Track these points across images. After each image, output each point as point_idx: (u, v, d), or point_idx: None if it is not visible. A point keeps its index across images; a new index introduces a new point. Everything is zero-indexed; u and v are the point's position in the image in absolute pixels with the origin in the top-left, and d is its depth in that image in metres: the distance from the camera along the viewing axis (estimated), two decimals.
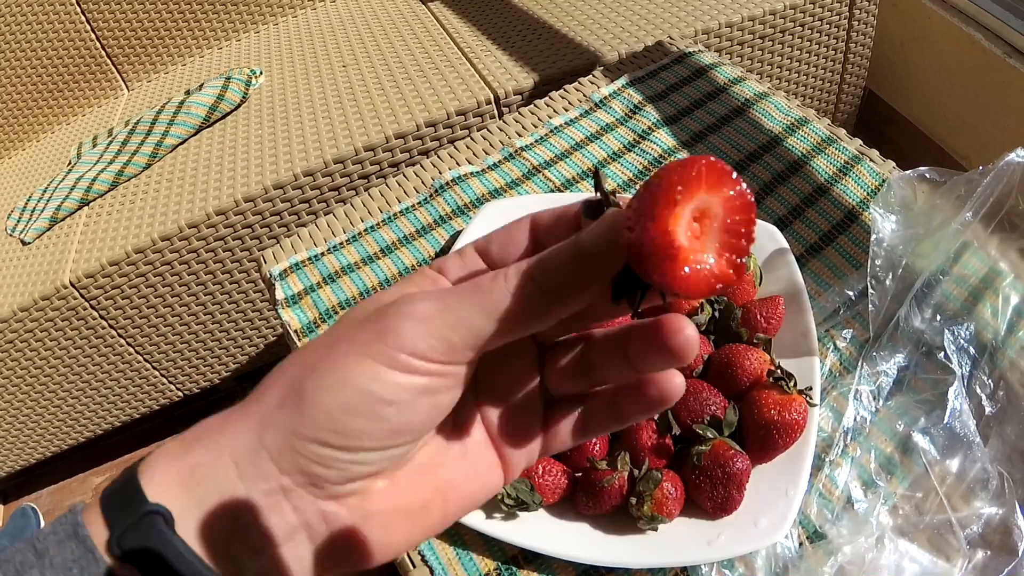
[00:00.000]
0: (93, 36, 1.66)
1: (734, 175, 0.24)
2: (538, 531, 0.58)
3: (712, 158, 0.24)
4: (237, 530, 0.27)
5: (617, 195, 0.28)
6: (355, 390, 0.26)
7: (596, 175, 0.29)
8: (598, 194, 0.28)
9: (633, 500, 0.55)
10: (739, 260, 0.24)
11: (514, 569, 0.59)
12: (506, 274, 0.27)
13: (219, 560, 0.27)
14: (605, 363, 0.30)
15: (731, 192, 0.24)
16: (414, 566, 0.60)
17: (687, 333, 0.27)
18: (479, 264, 0.31)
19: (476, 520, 0.58)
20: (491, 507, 0.58)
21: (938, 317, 0.67)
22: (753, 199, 0.24)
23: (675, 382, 0.30)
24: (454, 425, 0.31)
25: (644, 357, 0.28)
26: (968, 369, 0.64)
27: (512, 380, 0.31)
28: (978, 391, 0.63)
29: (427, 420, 0.28)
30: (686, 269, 0.23)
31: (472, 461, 0.31)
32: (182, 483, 0.27)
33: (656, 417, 0.58)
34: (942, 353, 0.65)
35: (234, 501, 0.27)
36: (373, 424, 0.26)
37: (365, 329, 0.27)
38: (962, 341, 0.65)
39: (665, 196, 0.23)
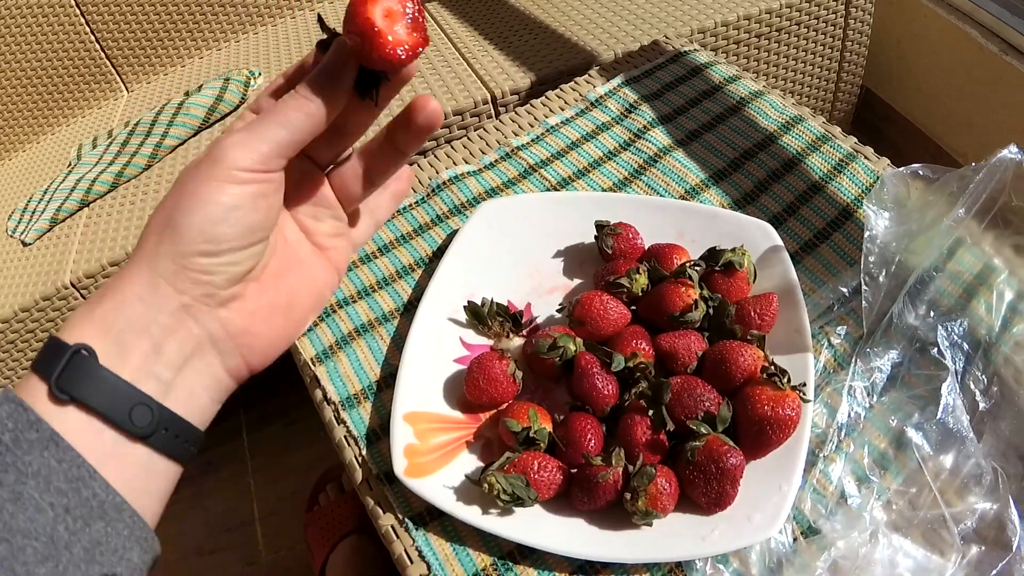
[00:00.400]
0: (93, 38, 1.66)
1: None
2: (534, 527, 0.58)
3: None
4: (153, 352, 0.34)
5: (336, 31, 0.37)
6: (212, 204, 0.34)
7: (320, 19, 0.39)
8: (325, 35, 0.38)
9: (628, 495, 0.56)
10: (422, 34, 0.35)
11: (510, 564, 0.59)
12: (286, 98, 0.36)
13: (144, 380, 0.34)
14: (377, 164, 0.42)
15: None
16: (411, 562, 0.61)
17: (432, 104, 0.39)
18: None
19: (472, 516, 0.59)
20: (487, 503, 0.59)
21: (932, 313, 0.67)
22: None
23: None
24: (286, 243, 0.41)
25: (407, 133, 0.40)
26: (962, 365, 0.65)
27: (314, 198, 0.42)
28: (972, 387, 0.64)
29: (266, 218, 0.37)
30: (389, 41, 0.34)
31: (308, 267, 0.42)
32: (97, 327, 0.34)
33: (651, 413, 0.59)
34: (936, 349, 0.65)
35: (145, 327, 0.34)
36: (232, 228, 0.35)
37: (202, 163, 0.35)
38: (956, 337, 0.66)
39: (361, 1, 0.34)
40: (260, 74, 1.57)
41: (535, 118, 0.96)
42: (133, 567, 0.33)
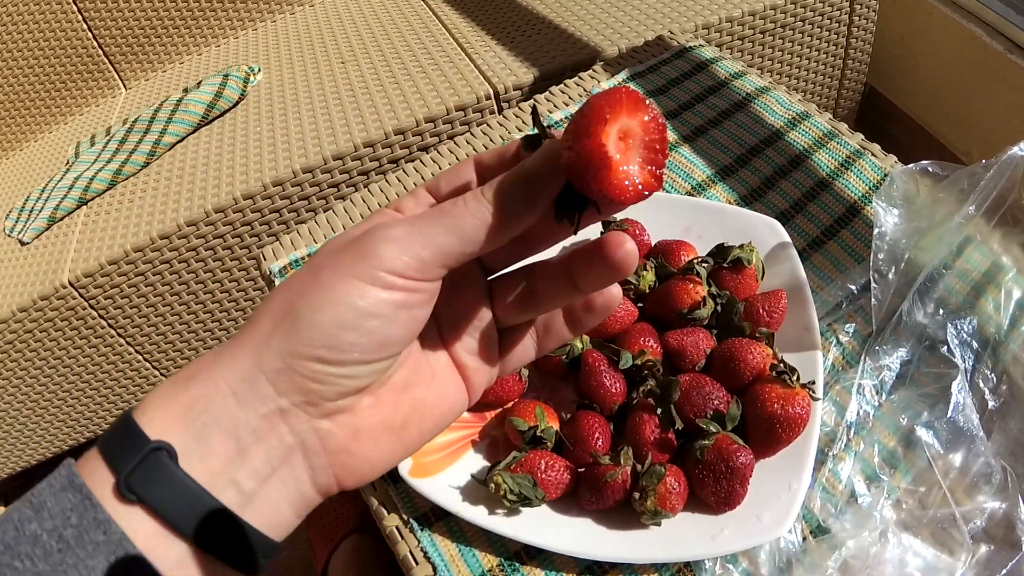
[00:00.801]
0: (90, 35, 1.65)
1: (648, 101, 0.28)
2: (541, 527, 0.58)
3: (630, 87, 0.28)
4: (238, 456, 0.30)
5: (551, 131, 0.32)
6: (344, 307, 0.29)
7: (534, 111, 0.33)
8: (535, 129, 0.32)
9: (636, 495, 0.55)
10: (658, 171, 0.29)
11: (517, 565, 0.59)
12: (464, 198, 0.31)
13: (223, 488, 0.30)
14: (549, 289, 0.35)
15: (647, 116, 0.28)
16: (416, 563, 0.60)
17: (627, 247, 0.32)
18: (432, 201, 0.35)
19: (479, 516, 0.58)
20: (494, 503, 0.58)
21: (941, 311, 0.67)
22: (664, 121, 0.29)
23: (614, 292, 0.36)
24: (423, 351, 0.36)
25: (589, 272, 0.33)
26: (971, 363, 0.64)
27: (467, 309, 0.36)
28: (981, 385, 0.63)
29: (406, 333, 0.32)
30: (619, 175, 0.28)
31: (440, 383, 0.36)
32: (181, 419, 0.29)
33: (659, 411, 0.58)
34: (945, 347, 0.65)
35: (233, 428, 0.30)
36: (362, 337, 0.30)
37: (347, 254, 0.30)
38: (965, 335, 0.65)
39: (597, 117, 0.28)
40: (259, 70, 1.57)
41: (539, 114, 0.96)
42: None
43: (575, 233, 0.32)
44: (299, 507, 0.33)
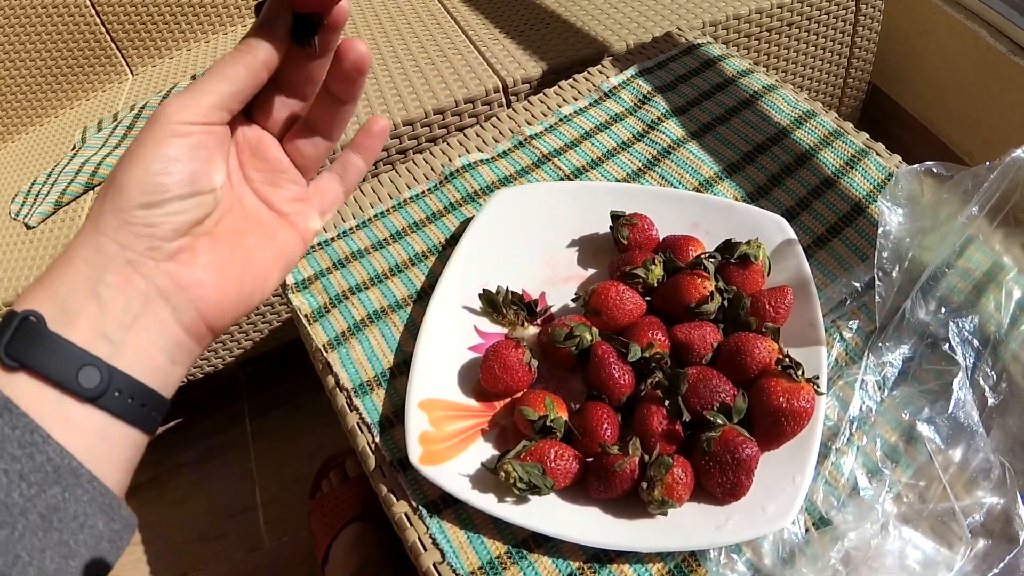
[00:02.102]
0: (98, 20, 1.65)
1: None
2: (549, 515, 0.59)
3: None
4: (101, 312, 0.34)
5: None
6: (150, 157, 0.35)
7: None
8: None
9: (644, 485, 0.56)
10: None
11: (524, 552, 0.60)
12: (227, 54, 0.38)
13: (93, 341, 0.33)
14: (318, 114, 0.43)
15: None
16: (425, 549, 0.61)
17: (358, 47, 0.39)
18: None
19: (488, 504, 0.59)
20: (503, 491, 0.59)
21: (943, 309, 0.68)
22: None
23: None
24: (244, 207, 0.41)
25: (338, 80, 0.41)
26: (972, 361, 0.65)
27: (268, 164, 0.42)
28: (981, 383, 0.64)
29: (209, 167, 0.37)
30: None
31: (267, 227, 0.42)
32: (45, 292, 0.34)
33: (667, 403, 0.59)
34: (946, 345, 0.66)
35: (91, 288, 0.34)
36: (172, 177, 0.35)
37: (146, 126, 0.36)
38: (966, 333, 0.66)
39: None
40: None
41: (548, 107, 0.97)
42: (99, 535, 0.33)
43: (316, 51, 0.39)
44: (173, 352, 0.37)
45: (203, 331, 0.38)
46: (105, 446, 0.33)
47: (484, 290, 0.71)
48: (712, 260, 0.67)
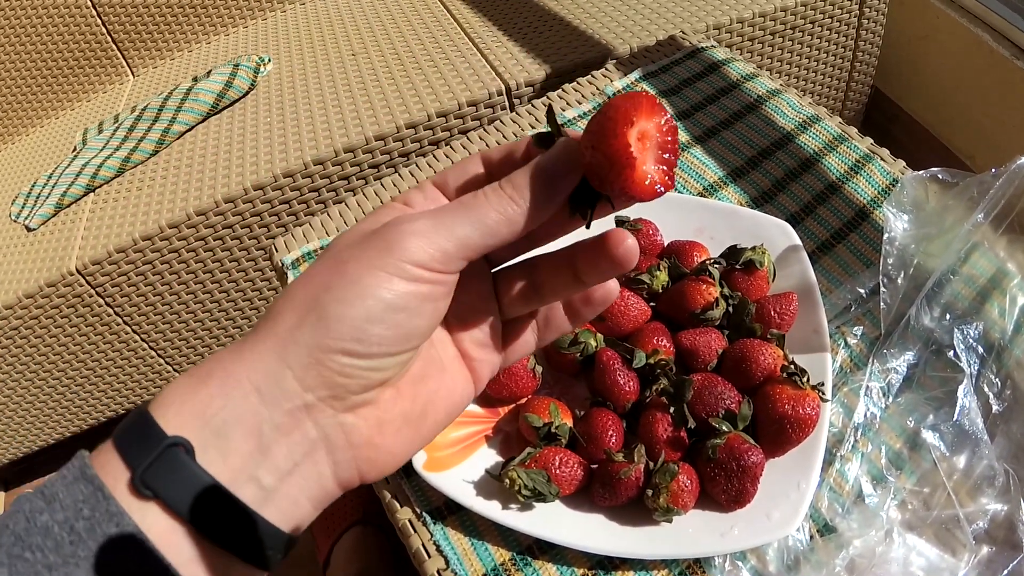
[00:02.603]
0: (99, 21, 1.65)
1: (662, 106, 0.30)
2: (553, 522, 0.58)
3: (648, 92, 0.30)
4: (259, 453, 0.29)
5: (565, 129, 0.34)
6: (373, 300, 0.30)
7: (550, 110, 0.35)
8: (548, 127, 0.34)
9: (649, 492, 0.56)
10: (671, 171, 0.30)
11: (529, 559, 0.60)
12: (485, 192, 0.32)
13: (242, 484, 0.29)
14: (552, 281, 0.36)
15: (662, 119, 0.30)
16: (429, 556, 0.61)
17: (628, 243, 0.33)
18: (440, 196, 0.36)
19: (492, 510, 0.59)
20: (507, 498, 0.59)
21: (947, 316, 0.68)
22: (676, 124, 0.31)
23: (612, 286, 0.37)
24: (432, 344, 0.36)
25: (592, 266, 0.35)
26: (976, 368, 0.65)
27: (473, 301, 0.37)
28: (986, 389, 0.64)
29: (429, 324, 0.32)
30: (640, 174, 0.30)
31: (450, 374, 0.36)
32: (199, 415, 0.29)
33: (672, 410, 0.59)
34: (951, 352, 0.66)
35: (255, 425, 0.29)
36: (389, 330, 0.30)
37: (371, 247, 0.30)
38: (971, 340, 0.66)
39: (623, 119, 0.29)
40: (270, 60, 1.57)
41: None
42: None
43: (588, 227, 0.34)
44: (318, 501, 0.32)
45: (354, 483, 0.33)
46: None
47: None
48: (717, 266, 0.67)
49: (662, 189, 0.30)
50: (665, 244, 0.73)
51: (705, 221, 0.75)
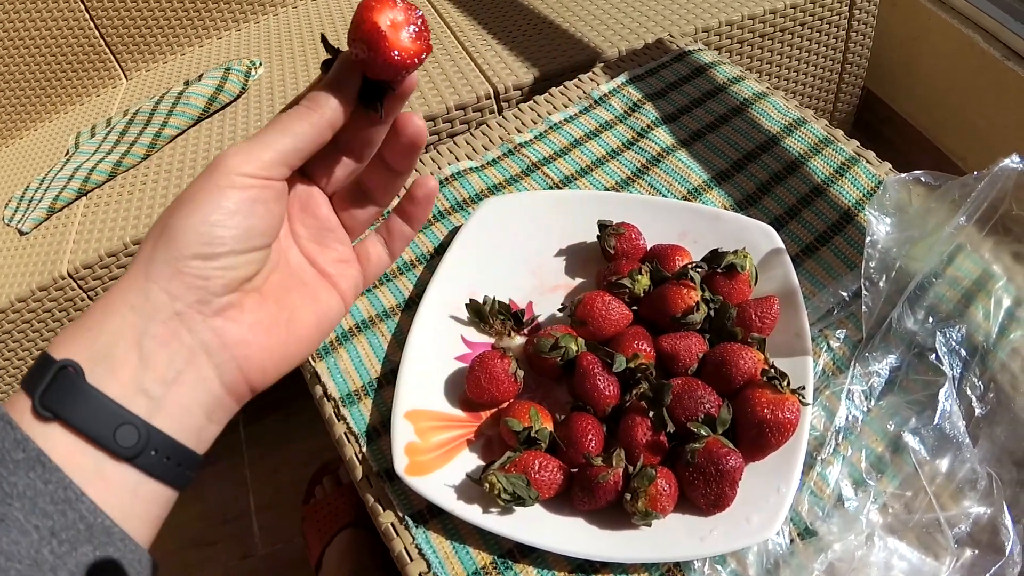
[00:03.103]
0: (92, 25, 1.65)
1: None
2: (534, 526, 0.58)
3: None
4: (142, 364, 0.33)
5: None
6: (210, 207, 0.34)
7: (323, 40, 0.39)
8: (329, 55, 0.38)
9: (628, 496, 0.56)
10: (423, 34, 0.36)
11: (510, 563, 0.60)
12: (290, 109, 0.37)
13: (132, 396, 0.32)
14: (372, 179, 0.43)
15: (401, 3, 0.35)
16: (411, 560, 0.61)
17: (416, 121, 0.40)
18: None
19: (472, 514, 0.59)
20: (487, 501, 0.59)
21: (930, 319, 0.68)
22: (420, 10, 0.36)
23: (428, 182, 0.43)
24: (290, 265, 0.41)
25: (393, 152, 0.41)
26: (959, 371, 0.65)
27: (317, 225, 0.42)
28: (968, 393, 0.64)
29: (267, 224, 0.36)
30: (394, 42, 0.35)
31: (311, 288, 0.41)
32: (84, 339, 0.33)
33: (651, 414, 0.59)
34: (934, 355, 0.66)
35: (135, 338, 0.33)
36: (229, 230, 0.34)
37: (203, 174, 0.35)
38: (953, 343, 0.66)
39: (366, 8, 0.35)
40: (261, 64, 1.57)
41: (538, 115, 0.97)
42: None
43: (381, 117, 0.39)
44: (211, 409, 0.36)
45: (243, 390, 0.37)
46: (137, 504, 0.33)
47: (471, 300, 0.71)
48: (699, 270, 0.67)
49: (422, 54, 0.36)
50: (648, 248, 0.73)
51: (688, 225, 0.75)
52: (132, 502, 0.32)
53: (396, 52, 0.35)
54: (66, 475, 0.30)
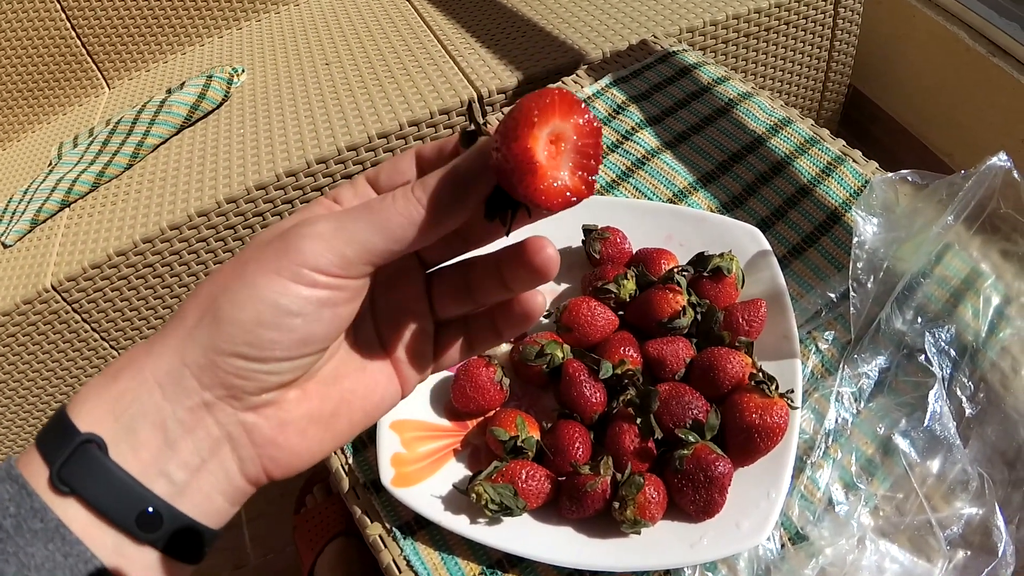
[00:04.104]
0: (74, 34, 1.64)
1: (583, 104, 0.27)
2: (522, 535, 0.58)
3: (564, 90, 0.28)
4: (167, 448, 0.30)
5: (489, 128, 0.30)
6: (265, 304, 0.29)
7: (470, 108, 0.32)
8: (472, 125, 0.32)
9: (616, 504, 0.55)
10: (590, 177, 0.28)
11: (499, 573, 0.59)
12: (394, 195, 0.30)
13: (153, 479, 0.30)
14: (483, 284, 0.35)
15: (581, 119, 0.27)
16: (400, 571, 0.60)
17: (547, 252, 0.32)
18: (370, 191, 0.35)
19: (460, 525, 0.58)
20: (475, 512, 0.58)
21: (919, 319, 0.67)
22: (599, 124, 0.28)
23: (537, 300, 0.36)
24: (354, 342, 0.35)
25: (513, 274, 0.33)
26: (949, 371, 0.65)
27: (403, 301, 0.35)
28: (958, 393, 0.64)
29: (330, 330, 0.31)
30: (545, 181, 0.27)
31: (371, 375, 0.36)
32: (110, 411, 0.30)
33: (639, 421, 0.58)
34: (923, 355, 0.65)
35: (160, 420, 0.30)
36: (283, 335, 0.30)
37: (270, 249, 0.30)
38: (943, 343, 0.66)
39: (525, 120, 0.27)
40: (243, 71, 1.56)
41: None
42: None
43: (507, 235, 0.32)
44: (232, 496, 0.32)
45: (263, 480, 0.33)
46: None
47: None
48: (685, 274, 0.67)
49: (574, 198, 0.28)
50: (633, 252, 0.72)
51: (674, 228, 0.74)
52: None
53: (541, 194, 0.27)
54: (87, 548, 0.28)
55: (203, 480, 0.31)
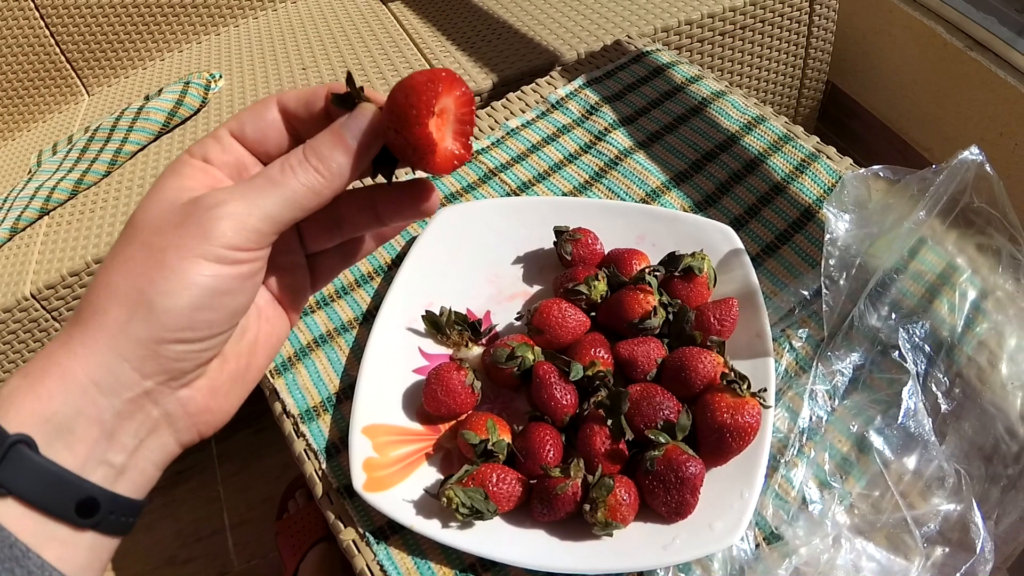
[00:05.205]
0: (53, 41, 1.63)
1: (459, 79, 0.32)
2: (494, 539, 0.57)
3: (446, 69, 0.32)
4: (104, 439, 0.31)
5: (363, 90, 0.34)
6: (198, 288, 0.30)
7: (349, 78, 0.34)
8: (349, 89, 0.34)
9: (587, 507, 0.55)
10: (468, 141, 0.33)
11: None
12: (292, 166, 0.32)
13: (93, 469, 0.31)
14: (355, 218, 0.37)
15: (459, 92, 0.31)
16: None
17: (436, 196, 0.36)
18: (237, 147, 0.36)
19: (432, 530, 0.58)
20: (447, 516, 0.58)
21: (893, 315, 0.67)
22: (472, 92, 0.32)
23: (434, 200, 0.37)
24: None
25: (396, 211, 0.36)
26: (923, 367, 0.65)
27: (278, 243, 0.35)
28: (934, 389, 0.64)
29: (252, 296, 0.33)
30: (442, 154, 0.32)
31: (267, 320, 0.38)
32: (38, 412, 0.30)
33: (609, 422, 0.58)
34: (897, 352, 0.65)
35: (97, 415, 0.30)
36: (216, 313, 0.32)
37: (187, 234, 0.31)
38: (917, 339, 0.66)
39: (425, 109, 0.30)
40: (221, 77, 1.55)
41: (495, 121, 0.95)
42: None
43: (389, 184, 0.36)
44: (163, 464, 0.34)
45: (195, 442, 0.36)
46: (89, 558, 0.31)
47: (427, 311, 0.70)
48: (656, 274, 0.66)
49: (459, 163, 0.32)
50: (605, 253, 0.72)
51: (646, 228, 0.74)
52: (86, 557, 0.31)
53: (438, 166, 0.32)
54: (11, 533, 0.28)
55: (140, 458, 0.32)
